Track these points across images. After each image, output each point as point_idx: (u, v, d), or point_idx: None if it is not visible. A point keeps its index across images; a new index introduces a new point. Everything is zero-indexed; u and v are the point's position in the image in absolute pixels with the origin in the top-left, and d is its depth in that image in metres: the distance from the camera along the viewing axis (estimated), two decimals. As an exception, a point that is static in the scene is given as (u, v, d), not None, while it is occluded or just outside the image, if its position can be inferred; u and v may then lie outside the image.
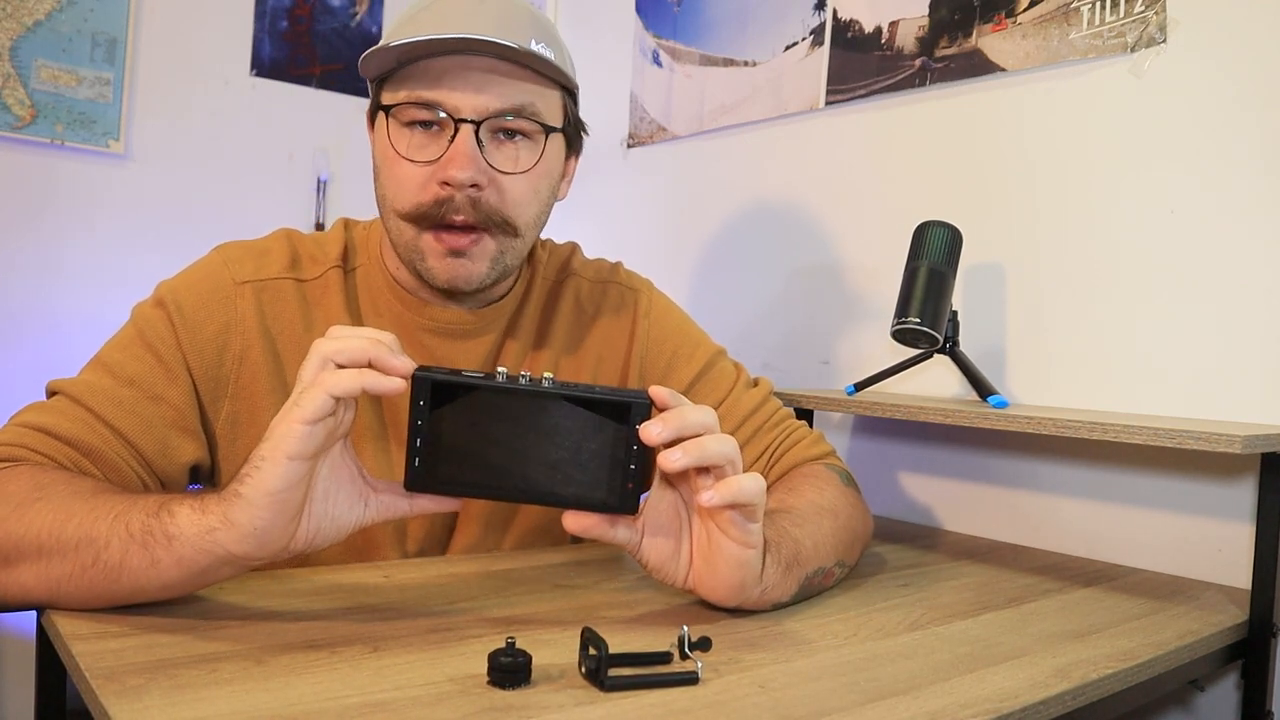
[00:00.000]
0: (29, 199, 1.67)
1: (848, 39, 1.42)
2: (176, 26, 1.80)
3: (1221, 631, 0.84)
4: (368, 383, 0.62)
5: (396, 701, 0.55)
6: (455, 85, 0.83)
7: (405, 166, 0.84)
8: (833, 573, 0.85)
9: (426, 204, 0.84)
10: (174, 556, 0.63)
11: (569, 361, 0.99)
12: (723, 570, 0.70)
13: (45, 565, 0.65)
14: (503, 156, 0.85)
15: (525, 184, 0.87)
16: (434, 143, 0.84)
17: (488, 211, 0.85)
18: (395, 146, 0.84)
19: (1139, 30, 1.09)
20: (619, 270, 1.06)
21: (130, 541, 0.63)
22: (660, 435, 0.64)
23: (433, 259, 0.85)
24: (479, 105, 0.83)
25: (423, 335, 0.92)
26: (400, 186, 0.85)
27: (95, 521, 0.65)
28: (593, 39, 1.88)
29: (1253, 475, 1.00)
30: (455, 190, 0.83)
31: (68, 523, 0.65)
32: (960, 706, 0.59)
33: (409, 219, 0.85)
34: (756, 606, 0.76)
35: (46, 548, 0.65)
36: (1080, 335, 1.15)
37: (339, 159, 1.99)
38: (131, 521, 0.64)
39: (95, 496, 0.67)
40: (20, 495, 0.68)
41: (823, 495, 0.89)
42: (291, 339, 0.88)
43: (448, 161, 0.83)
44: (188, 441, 0.83)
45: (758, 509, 0.67)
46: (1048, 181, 1.19)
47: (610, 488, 0.66)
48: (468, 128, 0.83)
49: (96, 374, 0.81)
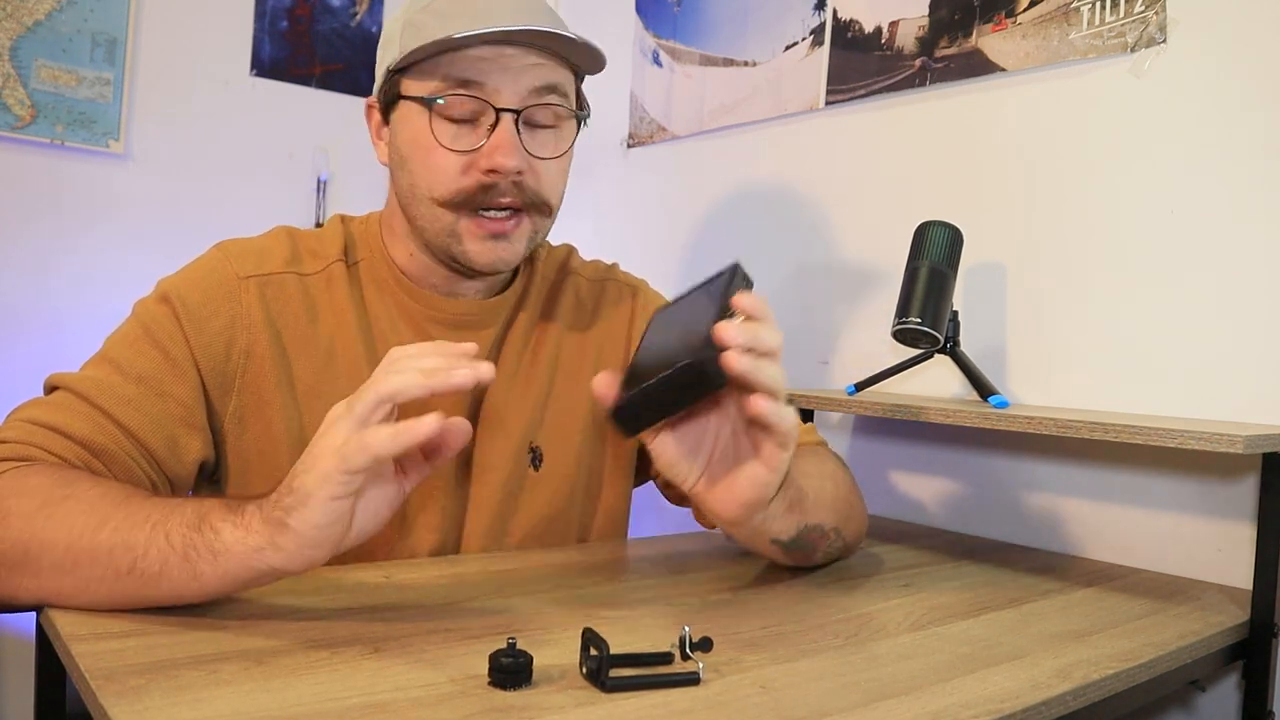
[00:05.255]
0: (29, 199, 1.67)
1: (848, 39, 1.42)
2: (176, 26, 1.80)
3: (1222, 632, 0.84)
4: (416, 437, 0.61)
5: (397, 702, 0.54)
6: (494, 74, 0.85)
7: (443, 154, 0.85)
8: (828, 535, 0.86)
9: (469, 189, 0.85)
10: (218, 571, 0.64)
11: (570, 352, 1.01)
12: (740, 484, 0.71)
13: (73, 566, 0.65)
14: (538, 143, 0.88)
15: (557, 166, 0.90)
16: (472, 131, 0.86)
17: (529, 193, 0.87)
18: (437, 135, 0.85)
19: (1139, 30, 1.09)
20: (616, 270, 1.09)
21: (170, 552, 0.64)
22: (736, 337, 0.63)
23: (471, 243, 0.87)
24: (518, 93, 0.85)
25: (429, 326, 0.93)
26: (438, 174, 0.86)
27: (131, 529, 0.65)
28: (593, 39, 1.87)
29: (1254, 475, 1.00)
30: (501, 177, 0.85)
31: (101, 527, 0.65)
32: (961, 707, 0.59)
33: (449, 205, 0.86)
34: (752, 535, 0.78)
35: (76, 549, 0.65)
36: (1081, 335, 1.15)
37: (339, 158, 1.99)
38: (171, 532, 0.64)
39: (128, 502, 0.68)
40: (45, 493, 0.68)
41: (823, 466, 0.92)
42: (296, 332, 0.88)
43: (494, 149, 0.84)
44: (195, 438, 0.83)
45: (792, 441, 0.68)
46: (1048, 181, 1.18)
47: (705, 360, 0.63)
48: (509, 116, 0.85)
49: (103, 370, 0.80)
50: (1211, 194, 1.04)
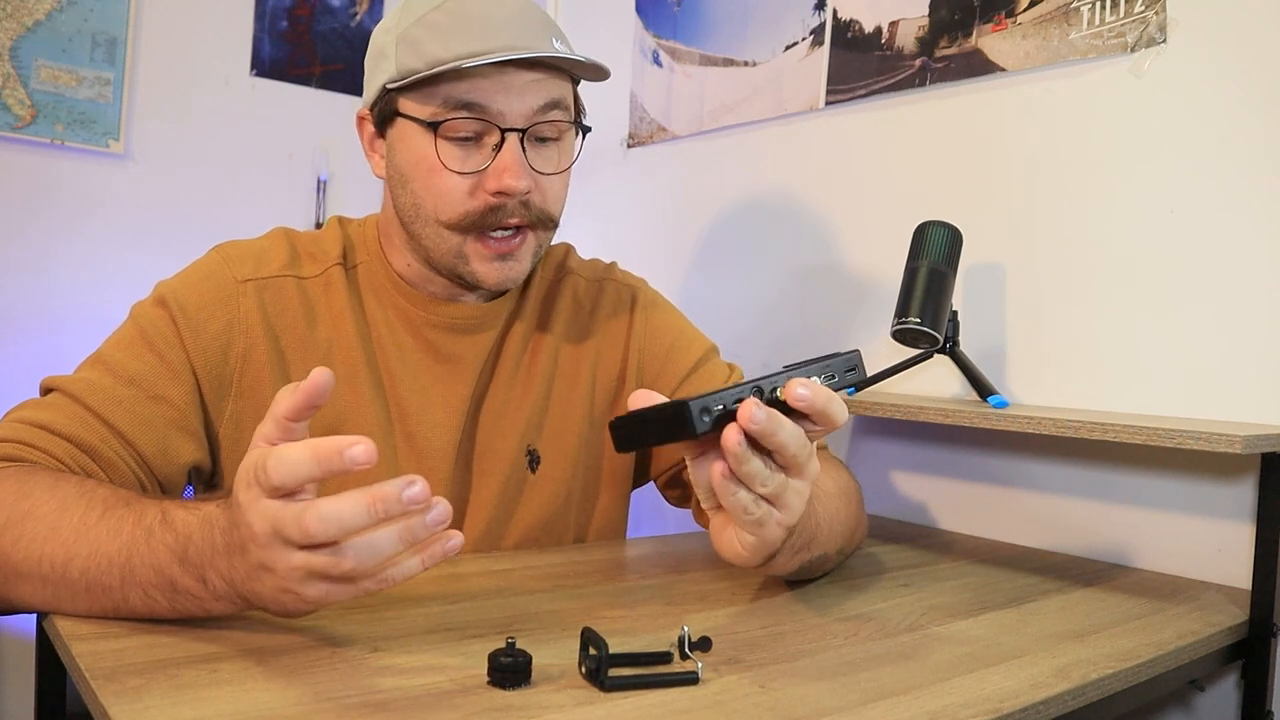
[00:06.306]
0: (29, 199, 1.67)
1: (848, 39, 1.42)
2: (176, 26, 1.80)
3: (1222, 631, 0.84)
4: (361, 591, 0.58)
5: (396, 702, 0.54)
6: (497, 96, 0.84)
7: (449, 177, 0.85)
8: (831, 559, 0.86)
9: (476, 212, 0.85)
10: (203, 609, 0.63)
11: (568, 353, 1.01)
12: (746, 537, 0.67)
13: (54, 595, 0.65)
14: (543, 159, 0.88)
15: (561, 181, 0.90)
16: (476, 151, 0.85)
17: (536, 211, 0.87)
18: (443, 159, 0.84)
19: (1139, 30, 1.09)
20: (614, 269, 1.09)
21: (152, 587, 0.62)
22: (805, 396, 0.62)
23: (479, 263, 0.87)
24: (523, 113, 0.85)
25: (428, 330, 0.93)
26: (444, 197, 0.85)
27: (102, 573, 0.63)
28: (593, 39, 1.88)
29: (1253, 475, 1.00)
30: (510, 198, 0.85)
31: (70, 564, 0.63)
32: (960, 706, 0.59)
33: (454, 228, 0.86)
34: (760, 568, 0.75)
35: (52, 581, 0.64)
36: (1080, 335, 1.15)
37: (339, 159, 1.99)
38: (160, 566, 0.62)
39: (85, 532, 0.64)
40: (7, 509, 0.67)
41: (838, 481, 0.89)
42: (295, 336, 0.88)
43: (502, 170, 0.84)
44: (188, 442, 0.83)
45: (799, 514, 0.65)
46: (1048, 181, 1.18)
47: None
48: (514, 136, 0.84)
49: (95, 372, 0.80)
50: (1211, 194, 1.04)
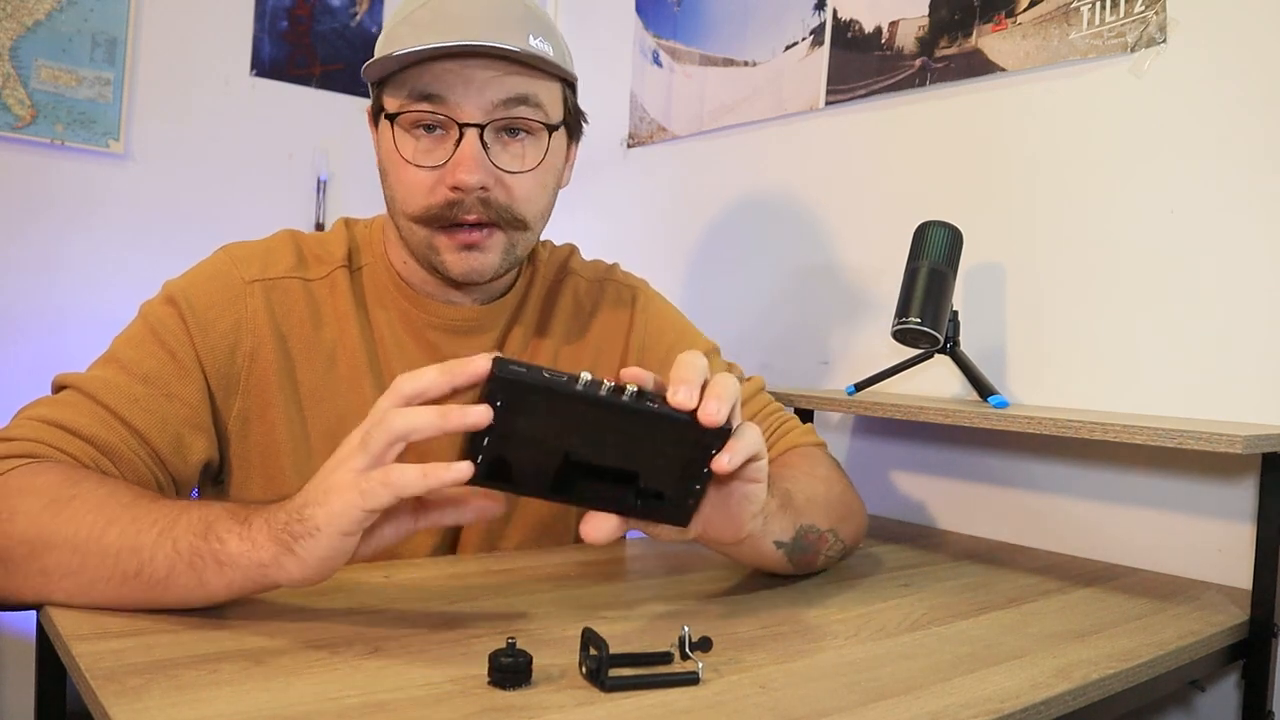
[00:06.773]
0: (29, 199, 1.67)
1: (848, 39, 1.42)
2: (176, 26, 1.80)
3: (1222, 631, 0.84)
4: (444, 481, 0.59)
5: (396, 702, 0.54)
6: (456, 88, 0.83)
7: (412, 171, 0.85)
8: (826, 538, 0.86)
9: (437, 206, 0.85)
10: (224, 581, 0.64)
11: (569, 353, 1.01)
12: (733, 508, 0.69)
13: (80, 566, 0.65)
14: (508, 156, 0.87)
15: (532, 180, 0.88)
16: (439, 146, 0.85)
17: (498, 209, 0.86)
18: (401, 152, 0.85)
19: (1139, 30, 1.09)
20: (615, 270, 1.09)
21: (177, 559, 0.64)
22: (731, 464, 0.62)
23: (447, 254, 0.87)
24: (482, 107, 0.84)
25: (429, 331, 0.93)
26: (409, 190, 0.86)
27: (139, 533, 0.65)
28: (593, 39, 1.88)
29: (1253, 475, 1.00)
30: (465, 194, 0.84)
31: (109, 528, 0.65)
32: (961, 707, 0.59)
33: (420, 221, 0.86)
34: (756, 547, 0.78)
35: (83, 550, 0.65)
36: (1080, 335, 1.15)
37: (339, 159, 1.99)
38: (179, 539, 0.64)
39: (134, 504, 0.67)
40: (54, 491, 0.68)
41: (814, 470, 0.92)
42: (301, 337, 0.89)
43: (455, 166, 0.83)
44: (200, 439, 0.83)
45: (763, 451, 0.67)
46: (1048, 181, 1.18)
47: (675, 501, 0.65)
48: (472, 131, 0.84)
49: (110, 370, 0.80)
50: (1211, 194, 1.04)
